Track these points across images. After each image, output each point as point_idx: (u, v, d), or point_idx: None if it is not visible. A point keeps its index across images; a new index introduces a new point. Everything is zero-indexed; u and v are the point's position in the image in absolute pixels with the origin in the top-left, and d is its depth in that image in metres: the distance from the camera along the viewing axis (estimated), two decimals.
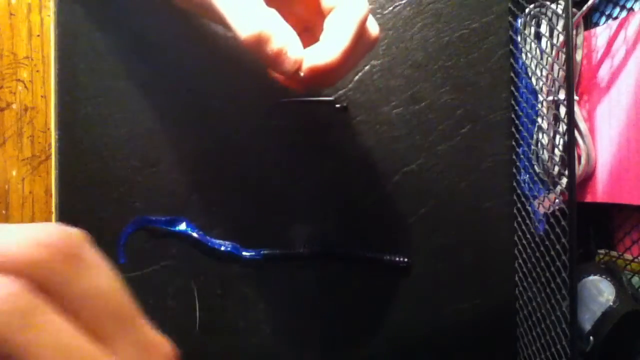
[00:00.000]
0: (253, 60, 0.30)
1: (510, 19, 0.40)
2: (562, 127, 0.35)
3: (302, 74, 0.27)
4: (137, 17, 0.39)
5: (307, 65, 0.27)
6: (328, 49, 0.27)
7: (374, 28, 0.30)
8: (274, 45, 0.26)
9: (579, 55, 0.37)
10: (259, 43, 0.25)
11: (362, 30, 0.28)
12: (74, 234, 0.15)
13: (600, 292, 0.34)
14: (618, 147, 0.35)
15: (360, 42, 0.28)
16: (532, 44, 0.37)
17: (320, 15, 0.30)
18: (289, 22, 0.27)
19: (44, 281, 0.14)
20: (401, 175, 0.41)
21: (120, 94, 0.39)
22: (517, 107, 0.40)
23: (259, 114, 0.39)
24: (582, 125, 0.36)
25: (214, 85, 0.39)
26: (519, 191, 0.40)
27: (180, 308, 0.40)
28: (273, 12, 0.26)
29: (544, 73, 0.36)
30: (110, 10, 0.39)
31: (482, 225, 0.41)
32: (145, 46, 0.39)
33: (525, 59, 0.38)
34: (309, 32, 0.29)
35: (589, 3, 0.35)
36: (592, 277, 0.35)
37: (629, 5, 0.35)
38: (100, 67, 0.39)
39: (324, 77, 0.28)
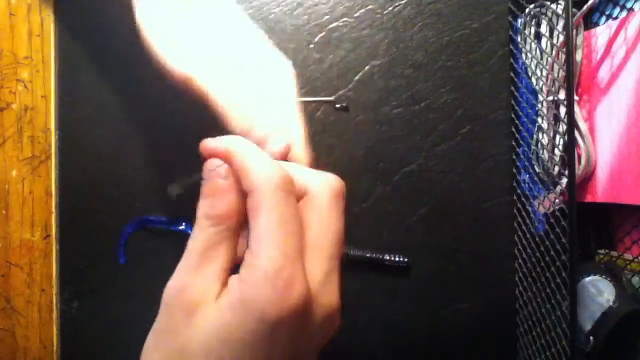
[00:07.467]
0: None
1: (510, 19, 0.40)
2: (562, 127, 0.35)
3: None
4: None
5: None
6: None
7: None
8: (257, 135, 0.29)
9: (579, 55, 0.37)
10: (246, 134, 0.29)
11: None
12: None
13: (600, 292, 0.34)
14: (618, 147, 0.35)
15: None
16: (532, 44, 0.37)
17: None
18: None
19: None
20: (401, 175, 0.40)
21: (120, 93, 0.39)
22: (517, 107, 0.40)
23: None
24: (582, 125, 0.36)
25: None
26: (519, 191, 0.40)
27: None
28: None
29: (544, 73, 0.36)
30: (111, 11, 0.39)
31: (482, 225, 0.41)
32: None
33: (525, 59, 0.38)
34: None
35: (589, 3, 0.35)
36: (592, 277, 0.35)
37: (629, 5, 0.35)
38: (100, 67, 0.39)
39: None
